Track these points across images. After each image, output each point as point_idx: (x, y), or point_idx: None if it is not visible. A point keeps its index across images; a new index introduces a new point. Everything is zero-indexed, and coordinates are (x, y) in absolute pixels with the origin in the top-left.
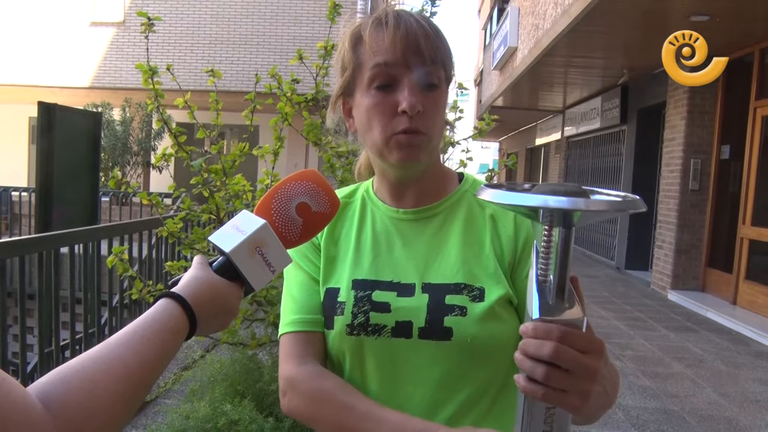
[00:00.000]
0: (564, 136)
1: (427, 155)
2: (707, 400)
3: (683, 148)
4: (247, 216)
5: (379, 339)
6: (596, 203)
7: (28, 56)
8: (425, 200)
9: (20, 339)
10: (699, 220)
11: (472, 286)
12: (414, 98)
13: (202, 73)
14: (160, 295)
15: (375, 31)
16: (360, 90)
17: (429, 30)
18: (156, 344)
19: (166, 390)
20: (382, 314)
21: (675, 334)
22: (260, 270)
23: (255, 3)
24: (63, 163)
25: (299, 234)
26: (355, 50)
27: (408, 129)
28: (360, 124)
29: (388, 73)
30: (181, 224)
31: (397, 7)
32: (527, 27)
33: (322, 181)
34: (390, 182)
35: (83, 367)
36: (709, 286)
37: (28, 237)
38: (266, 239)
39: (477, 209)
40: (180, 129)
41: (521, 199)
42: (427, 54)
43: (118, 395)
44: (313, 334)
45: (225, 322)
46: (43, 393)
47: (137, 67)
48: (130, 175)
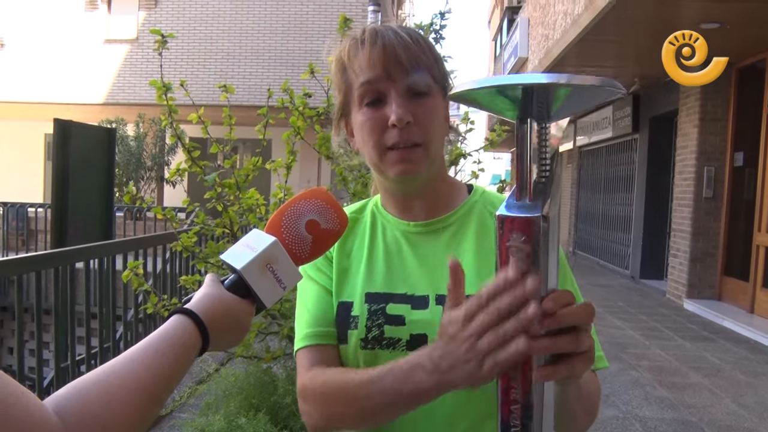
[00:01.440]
0: (576, 145)
1: (426, 166)
2: (726, 411)
3: (696, 155)
4: (257, 234)
5: (394, 352)
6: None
7: (44, 74)
8: (435, 212)
9: (37, 354)
10: (714, 227)
11: None
12: (401, 110)
13: (215, 88)
14: (174, 311)
15: (354, 51)
16: (354, 109)
17: (408, 40)
18: (170, 359)
19: (182, 404)
20: (396, 327)
21: (692, 344)
22: (271, 287)
23: (267, 18)
24: (78, 178)
25: (309, 251)
26: (342, 73)
27: (399, 142)
28: (358, 143)
29: (375, 90)
30: (195, 238)
31: (407, 20)
32: (537, 37)
33: (331, 199)
34: (394, 196)
35: (99, 380)
36: (725, 295)
37: (44, 252)
38: (277, 256)
39: (489, 219)
40: (193, 144)
41: (493, 81)
42: (408, 64)
43: (133, 408)
44: (329, 347)
45: (237, 338)
46: (59, 406)
47: (151, 83)
48: (144, 190)
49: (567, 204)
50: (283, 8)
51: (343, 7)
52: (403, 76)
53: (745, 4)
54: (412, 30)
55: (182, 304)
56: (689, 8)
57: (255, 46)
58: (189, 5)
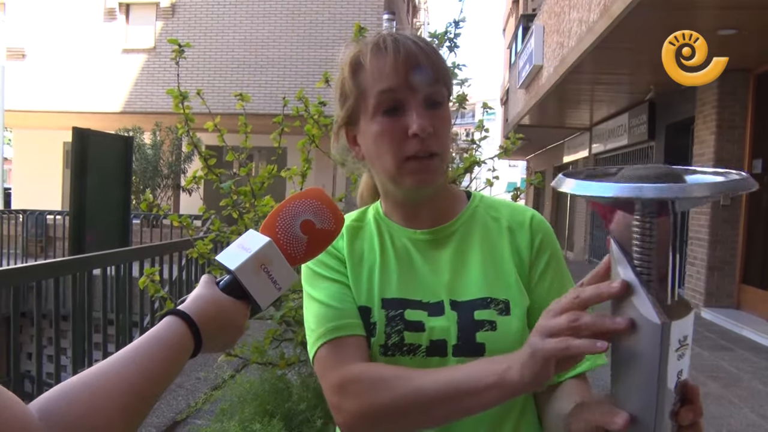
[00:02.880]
0: (591, 153)
1: (441, 176)
2: (745, 421)
3: (713, 163)
4: (252, 235)
5: (415, 358)
6: (695, 188)
7: (64, 84)
8: (439, 220)
9: (55, 359)
10: (731, 235)
11: (497, 299)
12: (423, 120)
13: (231, 96)
14: (166, 312)
15: (375, 57)
16: (365, 117)
17: (428, 50)
18: (159, 359)
19: (197, 410)
20: (416, 333)
21: (709, 353)
22: (266, 287)
23: (283, 28)
24: (96, 186)
25: (304, 251)
26: (355, 78)
27: (420, 151)
28: (369, 152)
29: (395, 98)
30: (211, 245)
31: (421, 29)
32: (552, 45)
33: (326, 198)
34: (403, 205)
35: (85, 382)
36: (744, 304)
37: (63, 259)
38: (271, 257)
39: (492, 223)
40: (210, 152)
41: (604, 189)
42: (429, 73)
43: (120, 409)
44: (360, 338)
45: (231, 339)
46: (43, 409)
47: (168, 92)
48: (161, 198)
49: (583, 211)
50: (299, 18)
51: (358, 16)
52: (424, 85)
53: (762, 11)
54: (426, 40)
55: (176, 305)
56: (705, 15)
57: (271, 55)
58: (206, 15)
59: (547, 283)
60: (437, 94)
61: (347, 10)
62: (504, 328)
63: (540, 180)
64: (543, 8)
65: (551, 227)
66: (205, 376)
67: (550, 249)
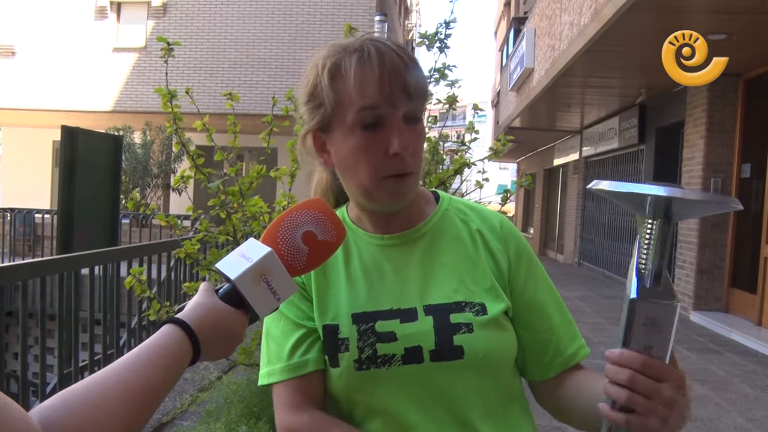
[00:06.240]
0: (582, 156)
1: (414, 191)
2: (733, 425)
3: (703, 167)
4: (253, 244)
5: (390, 369)
6: (693, 193)
7: (54, 82)
8: (408, 224)
9: (40, 359)
10: (720, 239)
11: (473, 302)
12: (404, 138)
13: (221, 96)
14: (165, 320)
15: (359, 68)
16: (341, 128)
17: (410, 63)
18: (159, 368)
19: (183, 411)
20: (389, 344)
21: (698, 356)
22: (265, 297)
23: (274, 28)
24: (85, 185)
25: (305, 262)
26: (333, 86)
27: (401, 172)
28: (343, 164)
29: (376, 114)
30: (198, 246)
31: (413, 30)
32: (543, 48)
33: (329, 210)
34: (374, 213)
35: (86, 391)
36: (732, 307)
37: (50, 258)
38: (272, 267)
39: (462, 225)
40: (198, 151)
41: (633, 187)
42: (413, 91)
43: (119, 419)
44: (306, 377)
45: (229, 348)
46: (44, 418)
47: (157, 91)
48: (150, 197)
49: (573, 215)
50: (291, 18)
51: (349, 17)
52: (406, 102)
53: (753, 16)
54: (407, 49)
55: (175, 313)
56: (696, 19)
57: (262, 55)
58: (197, 15)
59: (531, 286)
60: (417, 110)
61: (339, 11)
62: (481, 329)
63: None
64: (534, 11)
65: (517, 229)
66: (191, 377)
67: (526, 253)
